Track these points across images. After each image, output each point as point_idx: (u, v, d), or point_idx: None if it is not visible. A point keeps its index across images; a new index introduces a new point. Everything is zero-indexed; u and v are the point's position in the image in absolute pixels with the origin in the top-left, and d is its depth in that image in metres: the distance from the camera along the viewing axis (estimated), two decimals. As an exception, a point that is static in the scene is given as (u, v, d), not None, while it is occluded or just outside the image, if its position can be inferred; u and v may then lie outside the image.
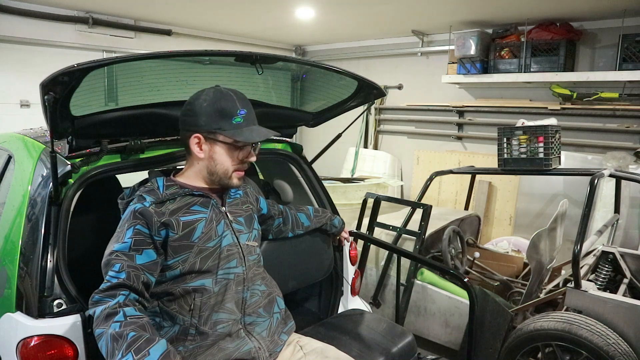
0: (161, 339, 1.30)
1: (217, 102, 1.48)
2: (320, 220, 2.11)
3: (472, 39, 4.55)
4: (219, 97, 1.49)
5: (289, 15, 4.60)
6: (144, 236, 1.41)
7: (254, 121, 1.52)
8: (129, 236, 1.40)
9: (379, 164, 5.82)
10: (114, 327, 1.27)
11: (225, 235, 1.55)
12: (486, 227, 4.90)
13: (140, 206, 1.44)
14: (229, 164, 1.51)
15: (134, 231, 1.41)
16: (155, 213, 1.43)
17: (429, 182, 3.45)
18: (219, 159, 1.51)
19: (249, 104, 1.53)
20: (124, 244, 1.39)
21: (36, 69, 4.43)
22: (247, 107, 1.51)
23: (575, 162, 4.14)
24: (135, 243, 1.39)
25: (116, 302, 1.31)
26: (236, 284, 1.55)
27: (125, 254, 1.38)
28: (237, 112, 1.47)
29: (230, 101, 1.48)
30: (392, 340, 1.96)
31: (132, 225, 1.42)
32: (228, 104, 1.48)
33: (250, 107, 1.53)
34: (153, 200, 1.46)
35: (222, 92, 1.50)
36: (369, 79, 2.07)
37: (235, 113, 1.47)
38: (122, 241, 1.40)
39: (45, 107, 1.41)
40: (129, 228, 1.41)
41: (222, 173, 1.52)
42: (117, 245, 1.40)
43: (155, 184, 1.52)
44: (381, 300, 3.28)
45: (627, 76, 3.90)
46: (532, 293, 2.77)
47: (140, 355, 1.22)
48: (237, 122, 1.47)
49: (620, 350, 2.16)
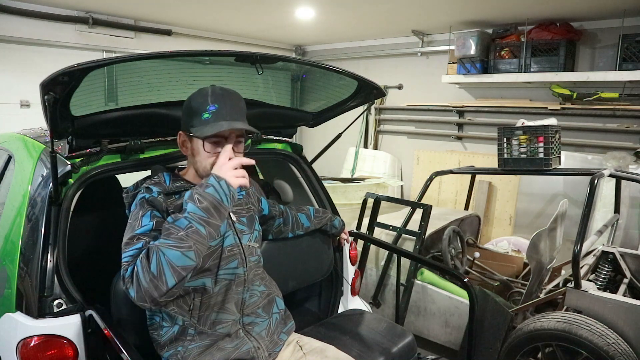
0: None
1: (191, 101, 1.48)
2: (320, 221, 2.11)
3: (472, 39, 4.55)
4: (194, 95, 1.49)
5: (289, 15, 4.60)
6: (161, 220, 1.39)
7: (226, 117, 1.44)
8: (149, 220, 1.38)
9: (379, 164, 5.81)
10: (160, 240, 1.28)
11: (228, 235, 1.55)
12: (486, 227, 4.90)
13: (149, 195, 1.44)
14: (206, 161, 1.48)
15: (151, 215, 1.40)
16: (164, 202, 1.44)
17: (429, 182, 3.45)
18: (197, 157, 1.50)
19: (227, 101, 1.46)
20: (145, 227, 1.37)
21: (36, 69, 4.42)
22: (222, 103, 1.45)
23: (575, 162, 4.14)
24: (157, 225, 1.37)
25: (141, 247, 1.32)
26: (237, 284, 1.55)
27: (148, 235, 1.36)
28: (207, 107, 1.44)
29: (202, 97, 1.46)
30: (392, 340, 1.96)
31: (147, 210, 1.40)
32: (198, 100, 1.47)
33: (229, 104, 1.46)
34: (160, 191, 1.46)
35: (199, 91, 1.49)
36: (369, 79, 2.07)
37: (204, 109, 1.44)
38: (141, 225, 1.38)
39: (45, 107, 1.41)
40: (144, 214, 1.40)
41: (202, 170, 1.49)
42: (138, 229, 1.37)
43: (162, 178, 1.52)
44: (381, 300, 3.28)
45: (627, 76, 3.89)
46: (532, 293, 2.77)
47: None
48: (205, 118, 1.44)
49: (620, 350, 2.16)
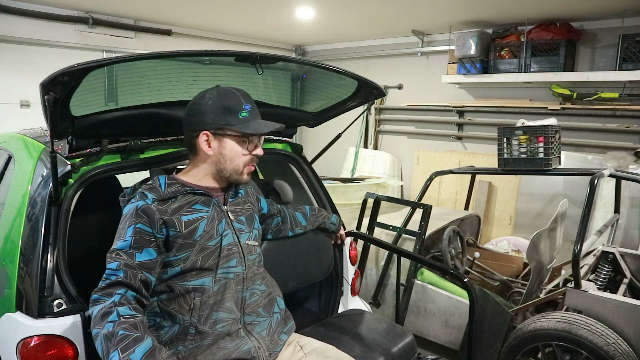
0: (149, 337, 1.31)
1: (223, 100, 1.52)
2: (317, 219, 2.12)
3: (472, 39, 4.55)
4: (223, 95, 1.53)
5: (289, 15, 4.60)
6: (145, 234, 1.41)
7: (258, 115, 1.58)
8: (130, 234, 1.41)
9: (379, 164, 5.81)
10: (107, 327, 1.28)
11: (226, 234, 1.56)
12: (486, 227, 4.90)
13: (142, 204, 1.44)
14: (239, 158, 1.54)
15: (134, 229, 1.41)
16: (157, 211, 1.44)
17: (429, 182, 3.45)
18: (229, 155, 1.53)
19: (252, 100, 1.58)
20: (125, 242, 1.40)
21: (36, 69, 4.42)
22: (251, 102, 1.57)
23: (575, 162, 4.13)
24: (136, 241, 1.40)
25: (112, 301, 1.33)
26: (235, 283, 1.56)
27: (125, 252, 1.39)
28: (243, 107, 1.52)
29: (235, 98, 1.53)
30: (392, 340, 1.96)
31: (133, 223, 1.42)
32: (233, 100, 1.52)
33: (254, 103, 1.59)
34: (155, 198, 1.47)
35: (226, 90, 1.55)
36: (369, 79, 2.07)
37: (241, 108, 1.52)
38: (123, 239, 1.41)
39: (45, 107, 1.42)
40: (129, 226, 1.42)
41: (233, 168, 1.55)
42: (118, 243, 1.41)
43: (157, 182, 1.52)
44: (381, 300, 3.28)
45: (627, 76, 3.89)
46: (532, 293, 2.77)
47: (126, 354, 1.24)
48: (244, 117, 1.52)
49: (620, 350, 2.16)
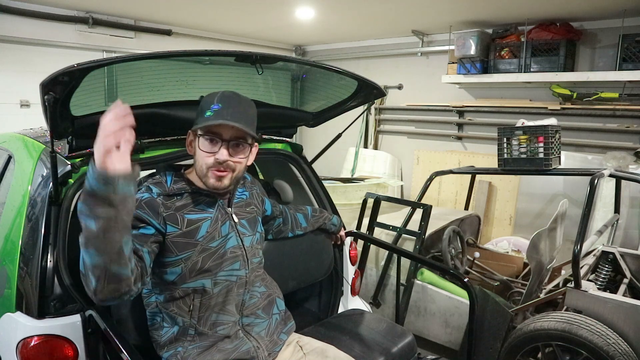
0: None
1: (204, 100, 1.48)
2: (317, 221, 2.12)
3: (472, 39, 4.55)
4: (212, 96, 1.47)
5: (289, 15, 4.60)
6: (140, 220, 1.37)
7: (226, 117, 1.41)
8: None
9: (379, 164, 5.81)
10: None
11: (230, 237, 1.55)
12: (486, 227, 4.90)
13: (147, 196, 1.43)
14: (202, 160, 1.46)
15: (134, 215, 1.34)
16: (162, 204, 1.43)
17: (429, 182, 3.44)
18: (196, 155, 1.49)
19: (233, 103, 1.45)
20: None
21: (36, 69, 4.42)
22: (227, 104, 1.43)
23: (575, 162, 4.13)
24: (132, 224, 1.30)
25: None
26: (238, 286, 1.55)
27: None
28: (211, 106, 1.43)
29: (210, 98, 1.46)
30: (392, 340, 1.96)
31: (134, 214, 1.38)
32: (208, 100, 1.46)
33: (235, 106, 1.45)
34: (160, 192, 1.46)
35: (217, 92, 1.48)
36: (369, 79, 2.07)
37: (209, 107, 1.43)
38: None
39: (45, 107, 1.41)
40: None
41: (199, 169, 1.48)
42: None
43: (164, 178, 1.51)
44: (381, 300, 3.28)
45: (627, 76, 3.89)
46: (532, 293, 2.77)
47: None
48: (208, 116, 1.42)
49: (620, 350, 2.16)
